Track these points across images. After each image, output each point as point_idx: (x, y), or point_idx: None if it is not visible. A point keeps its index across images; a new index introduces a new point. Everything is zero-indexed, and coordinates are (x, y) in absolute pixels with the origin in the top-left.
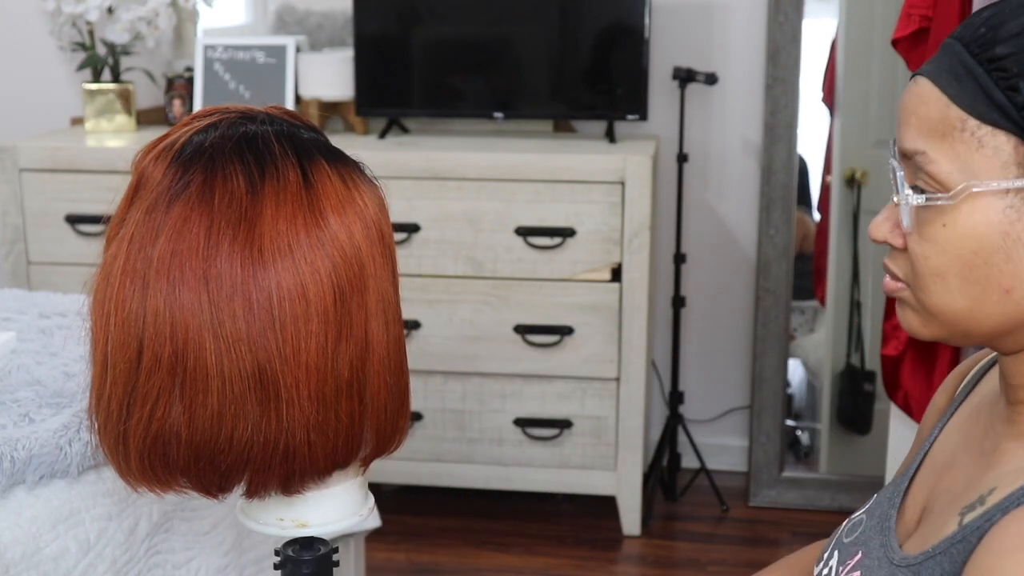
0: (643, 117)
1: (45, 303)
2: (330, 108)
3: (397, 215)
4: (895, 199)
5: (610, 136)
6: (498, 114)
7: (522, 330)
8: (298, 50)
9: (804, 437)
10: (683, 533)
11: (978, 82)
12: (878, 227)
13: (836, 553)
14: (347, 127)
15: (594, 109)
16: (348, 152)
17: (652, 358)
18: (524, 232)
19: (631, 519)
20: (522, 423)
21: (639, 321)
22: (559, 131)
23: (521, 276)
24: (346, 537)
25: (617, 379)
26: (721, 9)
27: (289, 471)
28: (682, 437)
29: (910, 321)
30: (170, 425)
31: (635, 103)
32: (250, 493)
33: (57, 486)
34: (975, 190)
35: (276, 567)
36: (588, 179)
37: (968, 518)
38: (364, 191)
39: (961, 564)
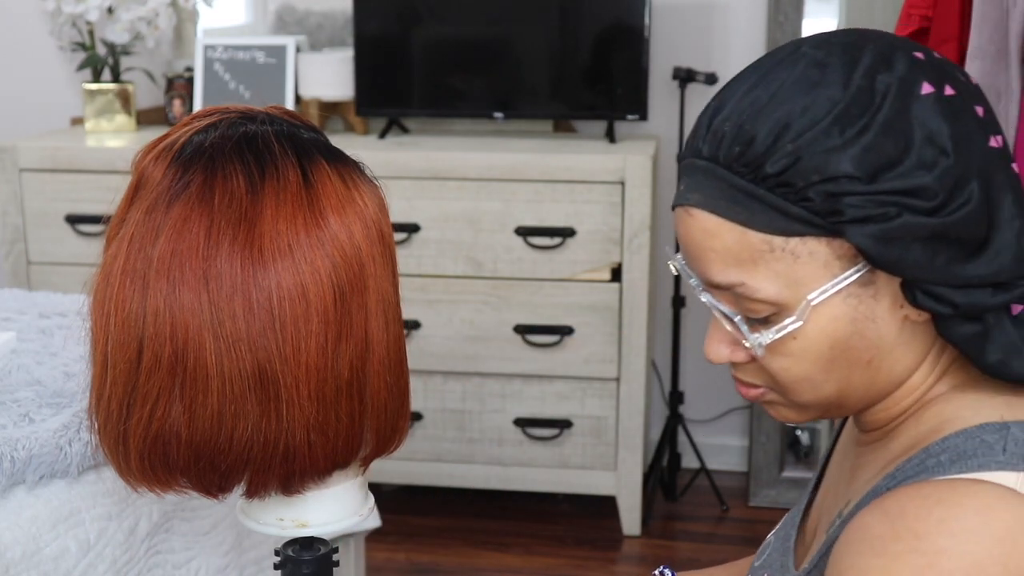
0: (643, 117)
1: (45, 303)
2: (330, 108)
3: (397, 215)
4: (723, 323)
5: (610, 136)
6: (498, 114)
7: (522, 330)
8: (298, 50)
9: (804, 437)
10: (683, 533)
11: (764, 202)
12: (716, 352)
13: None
14: (347, 127)
15: (594, 109)
16: (348, 152)
17: (652, 358)
18: (524, 232)
19: (631, 519)
20: (522, 423)
21: (639, 321)
22: (559, 131)
23: (521, 276)
24: (346, 537)
25: (617, 379)
26: (721, 9)
27: (289, 471)
28: (682, 437)
29: (786, 416)
30: (170, 425)
31: (635, 103)
32: (250, 493)
33: (57, 486)
34: (815, 303)
35: (276, 567)
36: (588, 179)
37: (830, 531)
38: (364, 191)
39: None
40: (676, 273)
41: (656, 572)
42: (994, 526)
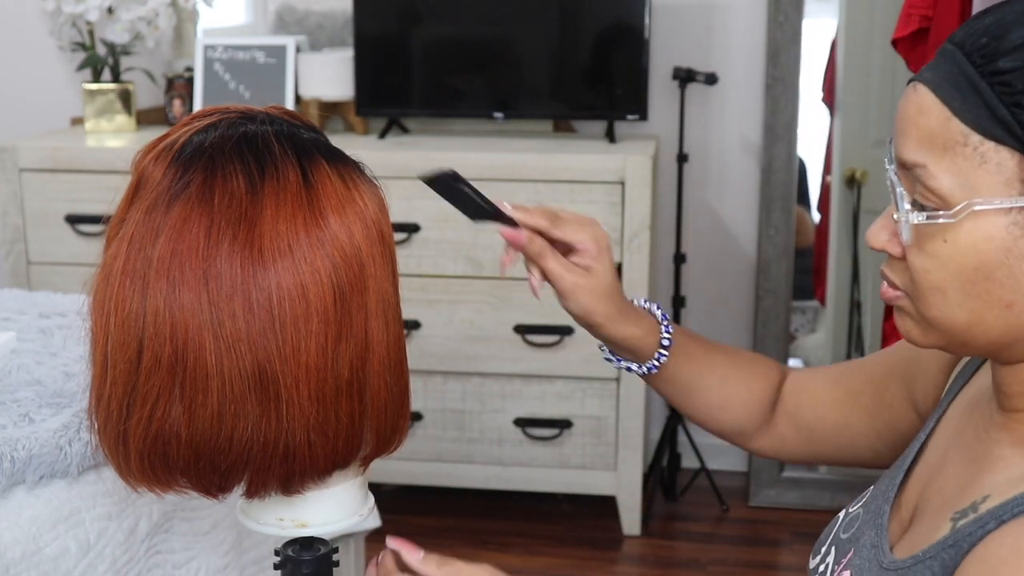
0: (643, 117)
1: (45, 303)
2: (330, 108)
3: (397, 215)
4: (894, 210)
5: (610, 136)
6: (498, 114)
7: (522, 330)
8: (298, 50)
9: None
10: (683, 533)
11: (981, 96)
12: (876, 235)
13: (833, 549)
14: (347, 127)
15: (594, 109)
16: (348, 152)
17: None
18: None
19: (631, 519)
20: (522, 423)
21: None
22: (559, 131)
23: (521, 276)
24: (346, 537)
25: (617, 379)
26: (721, 9)
27: (289, 471)
28: (682, 437)
29: (909, 330)
30: (170, 425)
31: (635, 103)
32: (250, 493)
33: (57, 486)
34: (977, 208)
35: (276, 567)
36: (588, 179)
37: (960, 523)
38: (364, 191)
39: (952, 569)
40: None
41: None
42: None
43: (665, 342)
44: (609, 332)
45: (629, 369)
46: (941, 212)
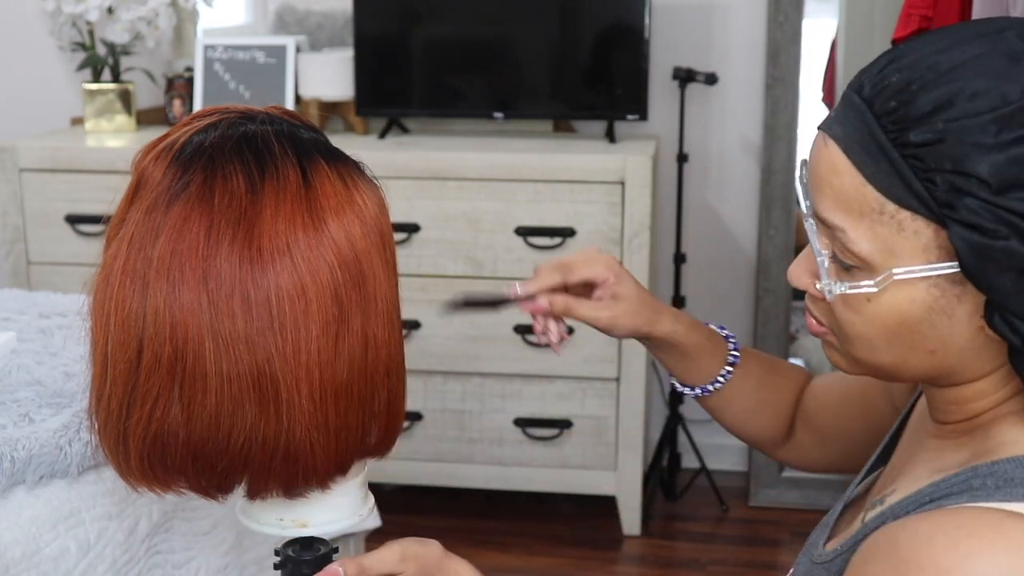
0: (643, 117)
1: (45, 303)
2: (330, 108)
3: (397, 215)
4: (815, 268)
5: (610, 136)
6: (498, 114)
7: (522, 330)
8: (298, 50)
9: None
10: (683, 533)
11: (893, 165)
12: (799, 277)
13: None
14: (347, 127)
15: (594, 109)
16: (348, 152)
17: (652, 358)
18: (524, 232)
19: (631, 519)
20: (522, 423)
21: None
22: (559, 131)
23: (521, 276)
24: (346, 537)
25: (617, 379)
26: (721, 9)
27: (291, 472)
28: (682, 437)
29: (837, 362)
30: (169, 425)
31: (635, 103)
32: (251, 494)
33: (57, 486)
34: (897, 278)
35: (276, 567)
36: (588, 179)
37: (869, 515)
38: (364, 191)
39: None
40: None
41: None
42: (1020, 569)
43: (731, 358)
44: (657, 334)
45: (699, 394)
46: (863, 283)
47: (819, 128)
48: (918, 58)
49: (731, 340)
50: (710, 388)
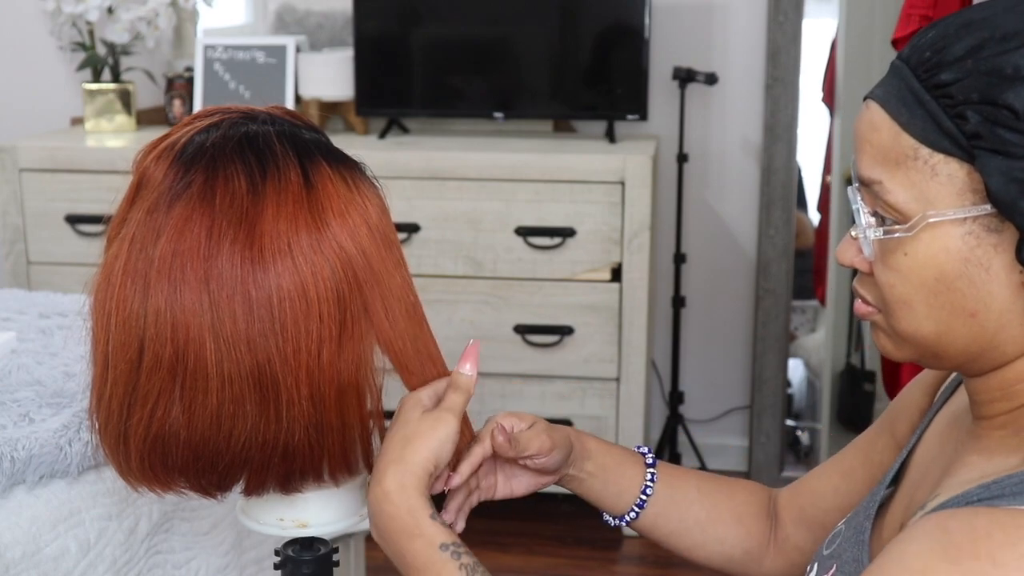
0: (643, 117)
1: (45, 303)
2: (330, 108)
3: (397, 215)
4: (857, 217)
5: (610, 136)
6: (498, 114)
7: (522, 330)
8: (298, 50)
9: (804, 437)
10: None
11: (926, 109)
12: (844, 252)
13: (816, 566)
14: (347, 127)
15: (594, 109)
16: (348, 152)
17: (652, 358)
18: (524, 232)
19: None
20: None
21: (639, 321)
22: (559, 131)
23: (521, 276)
24: (346, 537)
25: (617, 379)
26: (721, 9)
27: (288, 470)
28: (682, 437)
29: (884, 344)
30: (170, 425)
31: (635, 103)
32: (248, 491)
33: (57, 486)
34: (932, 220)
35: (276, 567)
36: (588, 179)
37: (911, 523)
38: (365, 191)
39: None
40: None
41: (638, 447)
42: None
43: (649, 461)
44: (587, 445)
45: (615, 523)
46: (897, 226)
47: (863, 99)
48: (954, 18)
49: (647, 454)
50: (642, 499)
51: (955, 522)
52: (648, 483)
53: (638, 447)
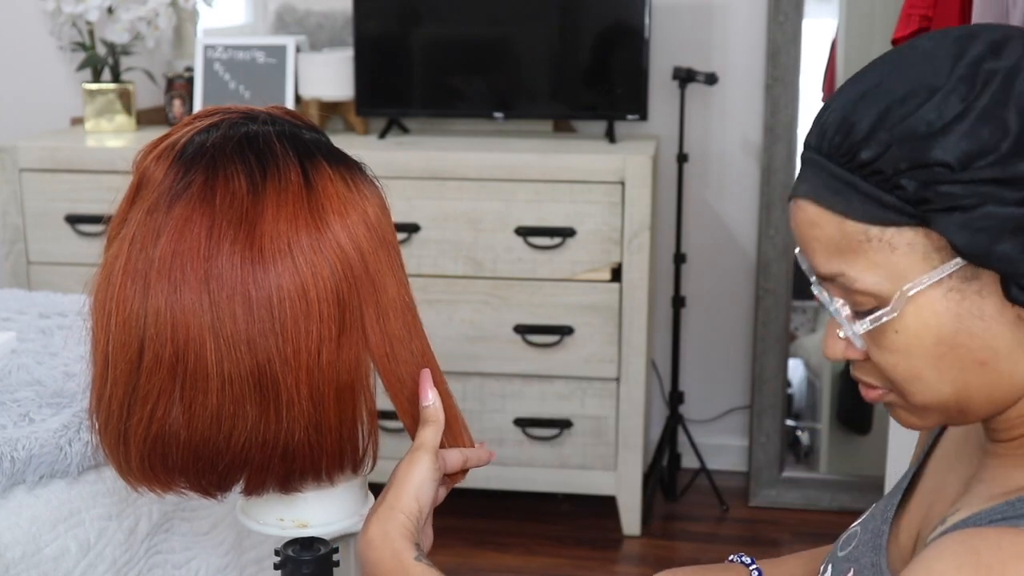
0: (643, 117)
1: (45, 303)
2: (330, 108)
3: (397, 215)
4: (838, 323)
5: (610, 136)
6: (498, 114)
7: (522, 330)
8: (298, 50)
9: (804, 437)
10: (683, 533)
11: (859, 191)
12: (833, 349)
13: (830, 567)
14: (347, 127)
15: (594, 109)
16: (348, 152)
17: (652, 358)
18: (524, 232)
19: (631, 519)
20: (522, 423)
21: (639, 321)
22: (559, 131)
23: (521, 276)
24: (346, 537)
25: (617, 379)
26: (721, 9)
27: (288, 470)
28: (682, 437)
29: (907, 420)
30: (170, 425)
31: (635, 103)
32: (248, 491)
33: (57, 486)
34: (911, 293)
35: (276, 567)
36: (588, 179)
37: (931, 537)
38: (365, 191)
39: None
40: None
41: (732, 558)
42: None
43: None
44: None
45: None
46: (881, 311)
47: (789, 199)
48: (846, 94)
49: (750, 565)
50: None
51: (982, 541)
52: None
53: (731, 558)
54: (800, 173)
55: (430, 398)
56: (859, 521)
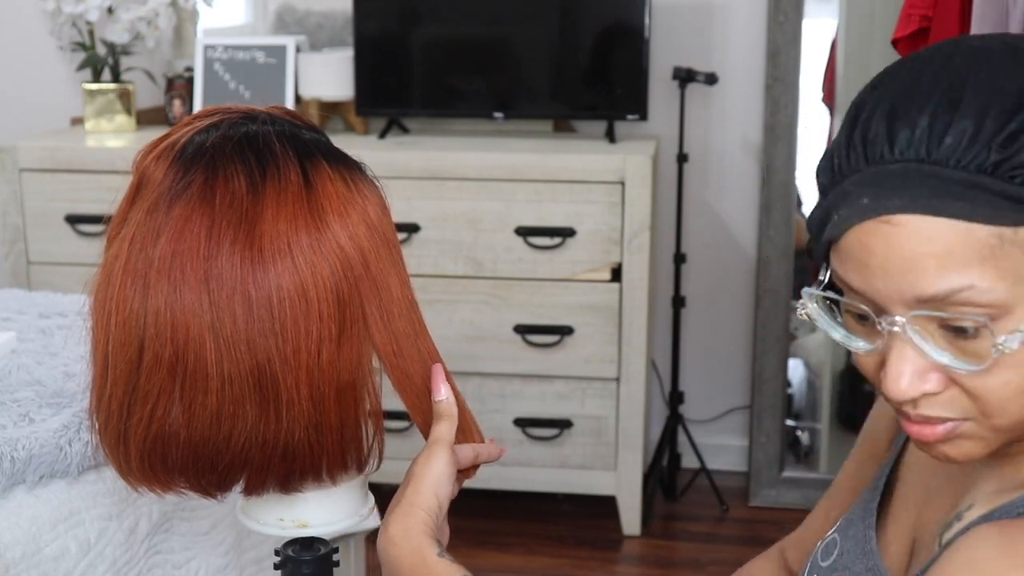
0: (643, 117)
1: (45, 303)
2: (330, 108)
3: (397, 215)
4: (925, 354)
5: (610, 136)
6: (498, 114)
7: (522, 330)
8: (298, 50)
9: (804, 437)
10: (683, 533)
11: (989, 191)
12: (902, 387)
13: None
14: (347, 127)
15: (594, 109)
16: (348, 152)
17: (652, 358)
18: (524, 232)
19: (631, 519)
20: (522, 423)
21: (639, 321)
22: (559, 131)
23: (521, 276)
24: (346, 537)
25: (617, 379)
26: (721, 9)
27: (288, 470)
28: (682, 437)
29: (969, 451)
30: (170, 425)
31: (635, 103)
32: (248, 491)
33: (57, 486)
34: None
35: (276, 567)
36: (588, 179)
37: (946, 536)
38: (365, 192)
39: None
40: (805, 312)
41: None
42: None
43: None
44: None
45: None
46: (1016, 325)
47: (859, 221)
48: (922, 99)
49: None
50: None
51: (1017, 531)
52: None
53: None
54: (872, 191)
55: (443, 393)
56: (835, 528)
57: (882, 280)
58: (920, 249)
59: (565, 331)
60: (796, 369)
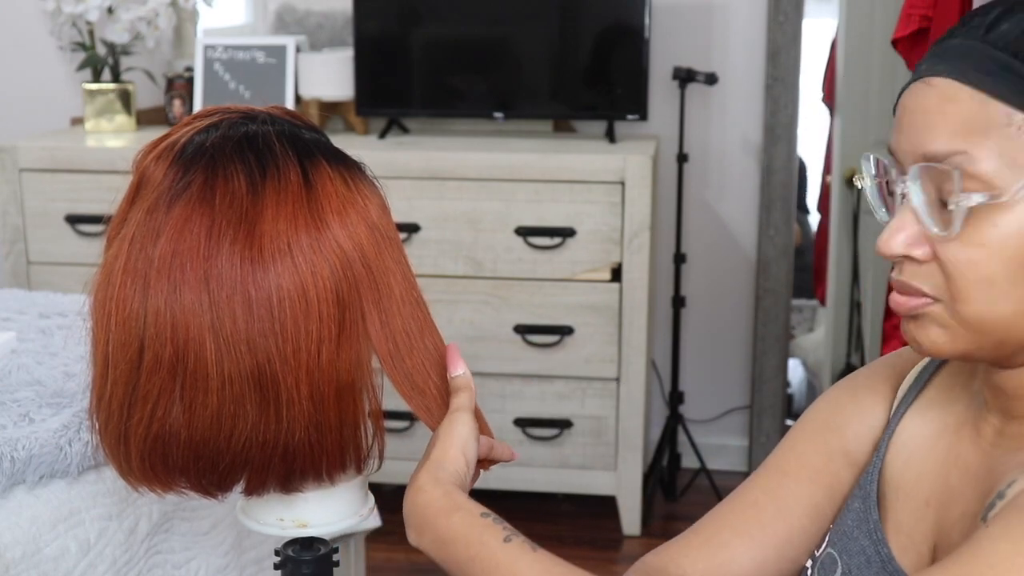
0: (643, 117)
1: (45, 303)
2: (330, 108)
3: (397, 215)
4: (913, 212)
5: (610, 136)
6: (498, 114)
7: (522, 330)
8: (298, 50)
9: None
10: None
11: (1017, 74)
12: (890, 242)
13: None
14: (347, 127)
15: (594, 109)
16: (348, 152)
17: (652, 358)
18: (524, 232)
19: (631, 519)
20: (522, 423)
21: (639, 321)
22: (559, 131)
23: (521, 276)
24: (346, 537)
25: (617, 379)
26: (721, 9)
27: (288, 469)
28: (682, 437)
29: (935, 339)
30: (170, 425)
31: (635, 103)
32: (249, 491)
33: (57, 486)
34: None
35: (276, 567)
36: (588, 179)
37: (991, 514)
38: (365, 192)
39: None
40: (860, 184)
41: None
42: None
43: None
44: None
45: None
46: (1003, 196)
47: (912, 81)
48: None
49: None
50: None
51: None
52: None
53: None
54: (933, 60)
55: (461, 368)
56: (827, 543)
57: (905, 135)
58: (940, 108)
59: (565, 331)
60: (796, 369)
